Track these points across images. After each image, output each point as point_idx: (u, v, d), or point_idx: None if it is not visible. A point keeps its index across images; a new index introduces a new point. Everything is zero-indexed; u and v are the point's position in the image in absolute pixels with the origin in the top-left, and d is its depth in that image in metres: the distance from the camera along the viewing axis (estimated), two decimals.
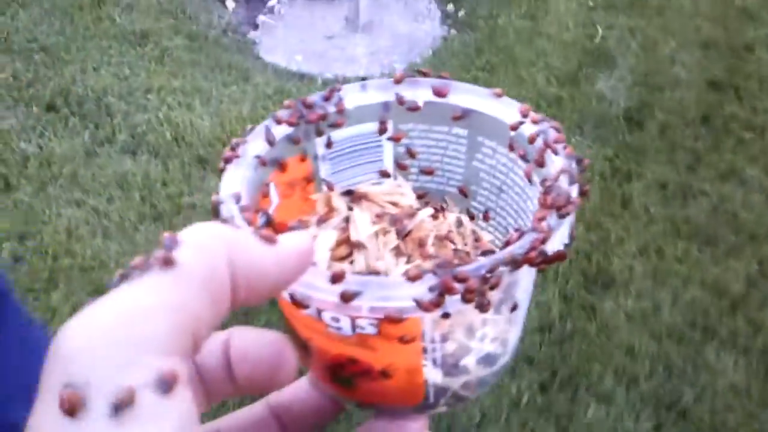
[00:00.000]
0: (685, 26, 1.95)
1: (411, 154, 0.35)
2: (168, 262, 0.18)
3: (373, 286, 0.24)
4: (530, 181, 0.31)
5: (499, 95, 0.33)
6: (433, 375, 0.27)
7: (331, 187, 0.35)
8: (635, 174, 1.56)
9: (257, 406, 0.27)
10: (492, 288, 0.25)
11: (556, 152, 0.30)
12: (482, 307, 0.25)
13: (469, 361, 0.28)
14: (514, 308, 0.28)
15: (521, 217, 0.33)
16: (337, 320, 0.25)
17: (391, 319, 0.24)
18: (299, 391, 0.28)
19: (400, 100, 0.34)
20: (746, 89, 1.75)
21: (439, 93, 0.34)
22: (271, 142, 0.32)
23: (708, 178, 1.54)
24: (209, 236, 0.19)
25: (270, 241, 0.21)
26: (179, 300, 0.18)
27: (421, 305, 0.24)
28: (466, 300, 0.24)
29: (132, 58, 1.92)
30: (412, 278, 0.24)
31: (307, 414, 0.28)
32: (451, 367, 0.28)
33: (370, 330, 0.25)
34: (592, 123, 1.68)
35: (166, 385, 0.16)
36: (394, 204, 0.35)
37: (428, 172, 0.36)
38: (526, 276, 0.28)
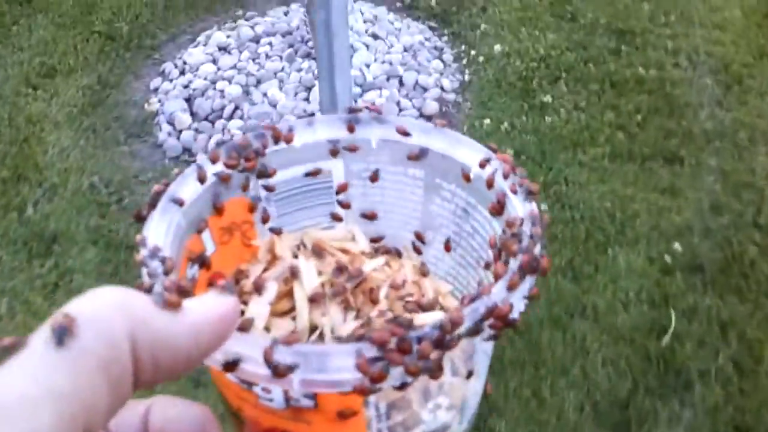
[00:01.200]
0: None
1: (373, 179, 0.33)
2: (56, 342, 0.16)
3: (309, 357, 0.22)
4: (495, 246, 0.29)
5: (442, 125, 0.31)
6: None
7: (276, 231, 0.33)
8: None
9: None
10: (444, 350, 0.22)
11: (515, 193, 0.28)
12: (433, 375, 0.22)
13: None
14: (469, 375, 0.26)
15: (485, 249, 0.30)
16: (268, 391, 0.23)
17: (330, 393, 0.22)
18: None
19: (351, 128, 0.32)
20: None
21: (401, 131, 0.31)
22: (202, 179, 0.29)
23: None
24: (107, 307, 0.17)
25: (175, 307, 0.18)
26: (69, 387, 0.15)
27: (363, 376, 0.21)
28: (409, 373, 0.22)
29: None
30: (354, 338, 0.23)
31: None
32: None
33: (306, 403, 0.23)
34: None
35: None
36: (345, 251, 0.32)
37: (369, 217, 0.34)
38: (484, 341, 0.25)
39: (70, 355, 0.16)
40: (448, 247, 0.33)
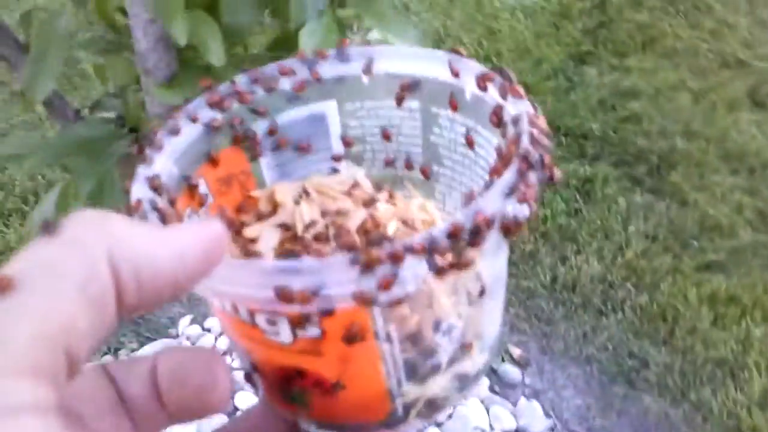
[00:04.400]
0: None
1: (386, 136, 0.32)
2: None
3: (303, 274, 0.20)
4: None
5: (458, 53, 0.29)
6: (396, 382, 0.23)
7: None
8: None
9: None
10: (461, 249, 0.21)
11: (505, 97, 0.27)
12: (438, 271, 0.21)
13: (437, 362, 0.24)
14: (481, 293, 0.24)
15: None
16: (273, 323, 0.22)
17: (328, 311, 0.21)
18: (250, 416, 0.25)
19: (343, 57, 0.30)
20: None
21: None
22: (194, 119, 0.28)
23: None
24: (85, 227, 0.16)
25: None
26: (45, 306, 0.15)
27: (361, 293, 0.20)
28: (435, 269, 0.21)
29: None
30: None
31: None
32: (418, 371, 0.23)
33: (312, 332, 0.22)
34: None
35: None
36: (349, 195, 0.31)
37: (386, 136, 0.32)
38: (494, 253, 0.24)
39: (44, 273, 0.15)
40: (424, 172, 0.32)
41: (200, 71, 0.52)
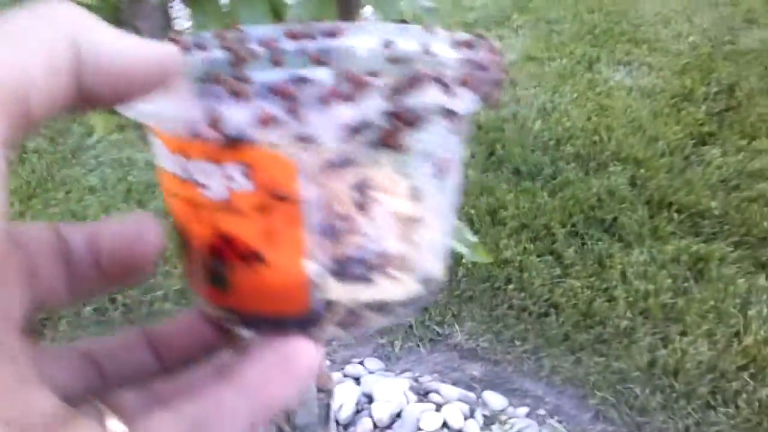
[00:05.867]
0: None
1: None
2: None
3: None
4: None
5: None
6: (318, 270, 0.22)
7: None
8: None
9: (132, 331, 0.25)
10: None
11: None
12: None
13: (363, 258, 0.22)
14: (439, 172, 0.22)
15: None
16: (205, 172, 0.21)
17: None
18: (180, 322, 0.26)
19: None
20: None
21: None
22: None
23: None
24: (54, 8, 0.17)
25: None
26: (8, 54, 0.15)
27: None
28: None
29: None
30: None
31: (185, 343, 0.25)
32: (345, 269, 0.22)
33: (242, 182, 0.21)
34: None
35: None
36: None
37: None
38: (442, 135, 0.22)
39: (7, 27, 0.16)
40: None
41: None
